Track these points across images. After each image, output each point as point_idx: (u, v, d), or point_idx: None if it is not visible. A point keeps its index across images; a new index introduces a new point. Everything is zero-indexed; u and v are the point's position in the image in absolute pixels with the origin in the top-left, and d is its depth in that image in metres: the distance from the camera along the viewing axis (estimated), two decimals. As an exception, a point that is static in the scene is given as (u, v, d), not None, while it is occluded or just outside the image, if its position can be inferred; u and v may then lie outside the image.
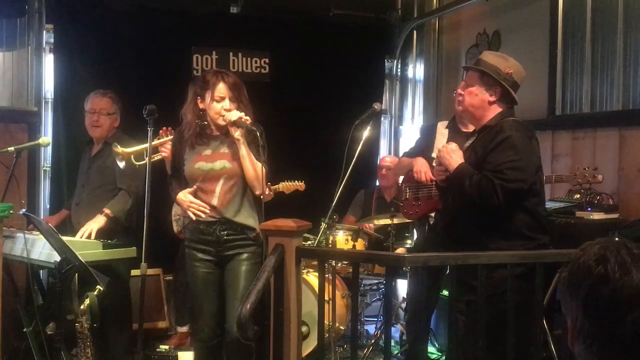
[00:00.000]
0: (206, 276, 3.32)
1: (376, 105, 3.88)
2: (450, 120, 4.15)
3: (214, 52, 5.85)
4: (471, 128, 3.80)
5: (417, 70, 6.54)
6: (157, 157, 3.86)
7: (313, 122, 5.95)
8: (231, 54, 5.91)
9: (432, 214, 4.00)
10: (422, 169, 3.86)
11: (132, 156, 3.84)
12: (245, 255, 3.28)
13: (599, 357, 1.23)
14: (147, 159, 3.38)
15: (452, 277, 2.74)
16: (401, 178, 4.31)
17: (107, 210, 3.98)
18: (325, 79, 6.06)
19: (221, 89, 3.25)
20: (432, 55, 6.29)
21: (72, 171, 4.83)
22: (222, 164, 3.28)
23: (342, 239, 4.70)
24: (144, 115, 3.26)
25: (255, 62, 5.96)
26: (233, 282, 3.27)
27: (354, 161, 3.68)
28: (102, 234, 3.91)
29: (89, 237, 3.87)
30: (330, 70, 6.07)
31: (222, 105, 3.25)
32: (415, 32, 6.49)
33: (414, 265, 3.23)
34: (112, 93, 4.30)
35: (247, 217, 3.29)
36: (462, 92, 3.24)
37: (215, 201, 3.28)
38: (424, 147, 4.10)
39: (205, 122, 3.32)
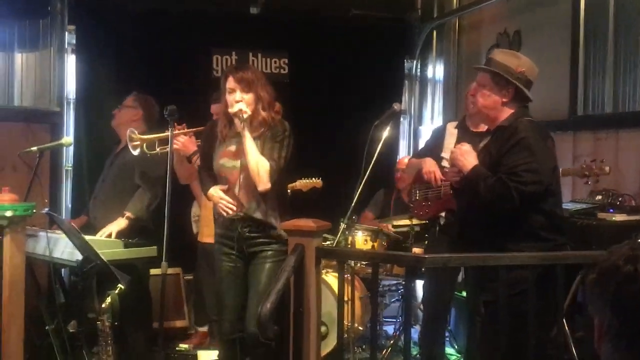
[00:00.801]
0: (230, 270, 3.38)
1: (396, 106, 3.90)
2: (460, 120, 4.14)
3: (233, 53, 5.90)
4: (482, 128, 3.83)
5: (436, 70, 6.53)
6: (167, 149, 3.86)
7: (333, 122, 5.96)
8: (250, 54, 5.95)
9: (443, 214, 3.99)
10: (431, 169, 3.86)
11: (145, 144, 3.87)
12: (269, 253, 3.32)
13: (627, 355, 1.24)
14: (164, 149, 3.42)
15: (470, 278, 2.74)
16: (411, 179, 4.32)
17: (128, 213, 4.02)
18: (345, 79, 6.08)
19: (230, 82, 3.30)
20: (452, 55, 6.27)
21: (93, 171, 4.90)
22: (243, 161, 3.31)
23: (361, 239, 4.71)
24: (165, 116, 3.30)
25: (275, 62, 6.00)
26: (255, 279, 3.31)
27: (373, 161, 3.69)
28: (122, 234, 3.95)
29: (109, 237, 3.91)
30: (350, 70, 6.09)
31: (233, 97, 3.28)
32: (435, 32, 6.48)
33: (433, 266, 3.23)
34: (137, 93, 4.34)
35: (267, 215, 3.31)
36: (474, 94, 3.23)
37: (237, 193, 3.32)
38: (433, 147, 4.09)
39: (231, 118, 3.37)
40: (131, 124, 4.15)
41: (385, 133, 3.79)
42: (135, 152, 3.86)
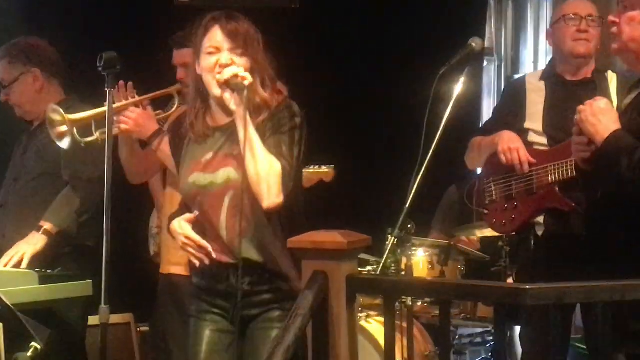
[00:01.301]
0: (214, 339, 3.36)
1: (474, 43, 3.89)
2: (547, 68, 4.23)
3: (209, -39, 5.92)
4: (583, 74, 3.96)
5: (542, -19, 6.50)
6: (114, 130, 3.90)
7: (370, 74, 5.95)
8: (238, -36, 5.97)
9: (540, 219, 4.01)
10: (512, 145, 3.91)
11: (75, 128, 3.88)
12: (276, 314, 3.28)
13: None
14: (105, 133, 3.45)
15: (602, 320, 2.73)
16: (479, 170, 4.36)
17: (46, 225, 4.07)
18: (390, 3, 6.09)
19: (215, 35, 3.26)
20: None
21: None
22: (226, 173, 3.28)
23: (422, 262, 4.72)
24: (99, 68, 3.32)
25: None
26: (255, 353, 3.29)
27: (439, 135, 3.68)
28: (40, 259, 4.00)
29: (18, 264, 3.96)
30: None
31: (216, 60, 3.25)
32: None
33: (540, 303, 3.22)
34: (15, 42, 4.40)
35: (276, 255, 3.31)
36: (618, 20, 3.23)
37: (223, 233, 3.29)
38: (509, 117, 4.15)
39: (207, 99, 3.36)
40: (38, 97, 4.29)
41: (459, 88, 3.76)
42: (64, 144, 3.85)
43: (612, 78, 4.04)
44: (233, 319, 3.33)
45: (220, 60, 3.23)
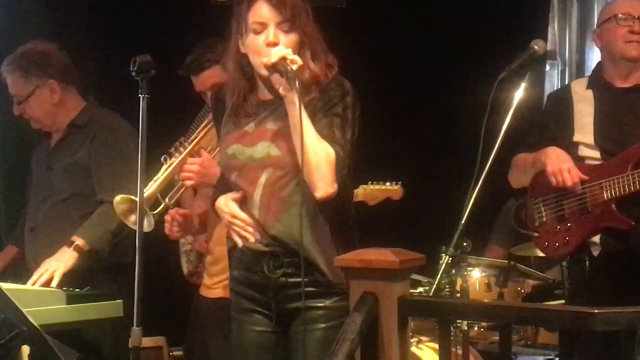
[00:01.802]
0: (258, 340, 3.40)
1: (537, 45, 3.87)
2: (594, 74, 4.21)
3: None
4: (634, 80, 3.92)
5: (610, -20, 6.45)
6: (180, 191, 3.95)
7: (424, 78, 5.95)
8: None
9: (595, 239, 3.98)
10: (563, 165, 3.88)
11: (152, 204, 3.88)
12: (319, 313, 3.30)
13: None
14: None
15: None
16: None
17: (78, 240, 4.11)
18: (446, 1, 6.10)
19: (260, 9, 3.26)
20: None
21: (12, 181, 5.02)
22: (265, 148, 3.31)
23: (480, 283, 4.70)
24: (133, 73, 3.34)
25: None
26: (298, 357, 3.32)
27: (497, 146, 3.66)
28: (71, 278, 4.04)
29: (47, 283, 4.00)
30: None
31: (264, 39, 3.26)
32: None
33: (612, 329, 3.19)
34: (26, 53, 4.40)
35: (314, 246, 3.31)
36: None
37: (256, 212, 3.32)
38: (555, 130, 4.13)
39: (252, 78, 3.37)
40: (60, 109, 4.32)
41: (519, 94, 3.75)
42: (148, 227, 3.75)
43: None
44: (274, 315, 3.37)
45: (268, 37, 3.23)
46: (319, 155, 3.20)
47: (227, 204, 3.34)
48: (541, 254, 4.95)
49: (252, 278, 3.37)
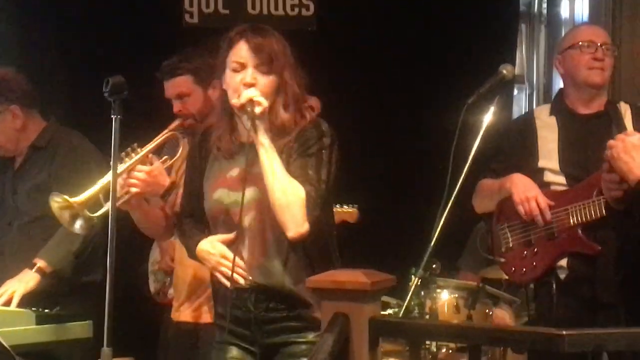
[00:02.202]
0: None
1: (505, 70, 3.90)
2: (556, 101, 4.24)
3: (220, -20, 6.01)
4: (596, 106, 3.95)
5: (577, 5, 6.52)
6: (124, 197, 3.87)
7: (392, 100, 5.97)
8: (251, -17, 6.05)
9: (563, 263, 4.00)
10: (530, 193, 3.90)
11: (86, 207, 3.78)
12: (302, 348, 3.30)
13: None
14: (110, 177, 3.43)
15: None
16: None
17: (39, 262, 4.10)
18: (414, 25, 6.12)
19: (240, 49, 3.31)
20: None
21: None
22: (253, 192, 3.32)
23: (448, 305, 4.71)
24: (105, 94, 3.33)
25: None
26: None
27: (466, 169, 3.69)
28: (35, 298, 4.02)
29: (7, 303, 3.98)
30: (422, 10, 6.14)
31: (240, 78, 3.29)
32: None
33: (580, 350, 3.22)
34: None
35: (299, 281, 3.32)
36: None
37: (244, 253, 3.34)
38: (519, 156, 4.15)
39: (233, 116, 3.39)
40: (23, 127, 4.29)
41: (488, 117, 3.78)
42: (78, 229, 3.75)
43: (625, 109, 4.04)
44: (256, 350, 3.38)
45: (245, 78, 3.27)
46: (289, 195, 3.22)
47: (214, 245, 3.35)
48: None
49: (236, 314, 3.37)
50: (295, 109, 3.35)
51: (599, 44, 3.99)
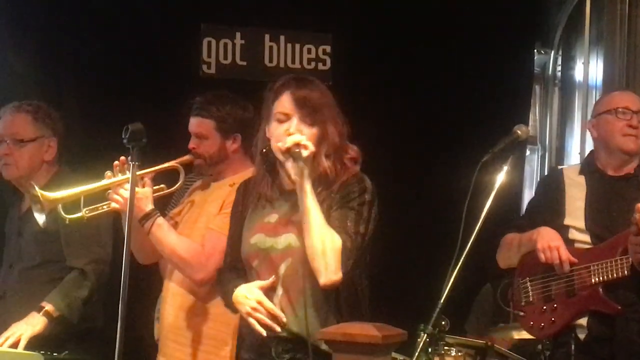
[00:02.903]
0: None
1: (520, 130, 3.92)
2: (586, 161, 4.28)
3: (238, 35, 6.08)
4: (626, 170, 4.01)
5: (591, 69, 6.57)
6: (103, 208, 3.90)
7: (407, 158, 5.99)
8: (268, 37, 6.12)
9: (581, 321, 4.01)
10: (553, 243, 3.93)
11: (61, 205, 3.86)
12: None
13: None
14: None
15: None
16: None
17: (47, 306, 4.09)
18: (430, 84, 6.16)
19: (285, 101, 3.35)
20: (620, 42, 6.28)
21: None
22: (288, 239, 3.33)
23: (457, 363, 4.68)
24: (124, 140, 3.35)
25: (309, 51, 6.16)
26: None
27: (479, 225, 3.69)
28: (42, 343, 4.01)
29: (14, 346, 3.97)
30: (439, 69, 6.18)
31: (285, 129, 3.32)
32: (588, 3, 6.53)
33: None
34: (38, 103, 4.44)
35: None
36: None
37: (276, 300, 3.33)
38: (546, 213, 4.17)
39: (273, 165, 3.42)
40: (38, 167, 4.30)
41: (501, 176, 3.78)
42: (40, 220, 3.83)
43: None
44: None
45: (289, 129, 3.30)
46: (324, 242, 3.22)
47: (251, 291, 3.33)
48: (517, 337, 4.97)
49: None
50: (336, 158, 3.38)
51: (634, 111, 4.03)
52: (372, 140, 5.85)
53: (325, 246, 3.22)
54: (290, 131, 3.29)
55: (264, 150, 3.40)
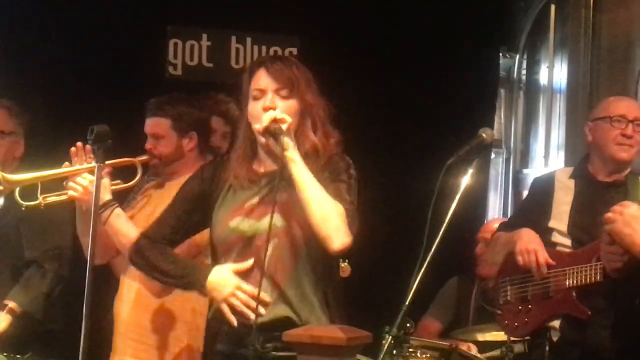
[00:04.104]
0: None
1: (485, 133, 3.93)
2: (579, 166, 4.26)
3: (204, 36, 6.09)
4: (616, 176, 3.99)
5: (556, 72, 6.62)
6: (59, 197, 3.87)
7: (372, 160, 5.98)
8: (234, 39, 6.15)
9: (556, 324, 4.03)
10: (531, 246, 3.94)
11: (18, 189, 3.83)
12: None
13: None
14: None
15: None
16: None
17: (10, 303, 4.08)
18: (396, 86, 6.17)
19: (260, 77, 3.29)
20: (584, 46, 6.31)
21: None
22: (276, 220, 3.22)
23: (421, 365, 4.69)
24: (89, 141, 3.34)
25: (275, 53, 6.15)
26: None
27: (444, 228, 3.70)
28: (4, 344, 4.00)
29: (-22, 347, 3.97)
30: (404, 71, 6.20)
31: (261, 104, 3.26)
32: (553, 8, 6.57)
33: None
34: (9, 101, 4.44)
35: (318, 319, 3.28)
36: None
37: (253, 282, 3.22)
38: (533, 213, 4.19)
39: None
40: (10, 161, 4.29)
41: (466, 180, 3.79)
42: None
43: None
44: None
45: (265, 103, 3.24)
46: (329, 207, 3.16)
47: (228, 274, 3.25)
48: (481, 339, 4.98)
49: (241, 352, 3.24)
50: (322, 132, 3.34)
51: (630, 120, 4.00)
52: (342, 144, 5.89)
53: (329, 211, 3.15)
54: (265, 104, 3.22)
55: (251, 137, 3.30)
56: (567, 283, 3.86)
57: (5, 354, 3.84)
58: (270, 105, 3.22)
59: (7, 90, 4.95)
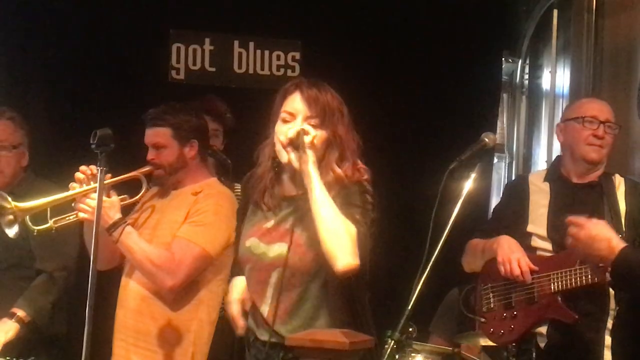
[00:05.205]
0: None
1: (487, 138, 3.93)
2: (552, 168, 4.29)
3: (207, 41, 6.08)
4: (590, 177, 4.03)
5: (558, 77, 6.61)
6: (70, 218, 3.91)
7: (375, 165, 5.96)
8: (237, 43, 6.13)
9: (542, 329, 4.03)
10: (512, 255, 3.95)
11: (29, 216, 3.85)
12: None
13: None
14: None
15: None
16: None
17: (19, 312, 4.10)
18: (398, 91, 6.18)
19: (293, 100, 3.25)
20: (586, 51, 6.31)
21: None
22: (280, 248, 3.24)
23: (423, 369, 4.69)
24: (92, 146, 3.34)
25: (278, 57, 6.18)
26: None
27: (447, 233, 3.70)
28: (11, 349, 4.01)
29: (-13, 353, 3.97)
30: (406, 76, 6.20)
31: (288, 128, 3.21)
32: (555, 12, 6.57)
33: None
34: (13, 112, 4.44)
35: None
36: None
37: (264, 309, 3.27)
38: (510, 219, 4.19)
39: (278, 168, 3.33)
40: (17, 173, 4.32)
41: (469, 184, 3.79)
42: (11, 233, 3.82)
43: (619, 182, 4.09)
44: None
45: (293, 127, 3.19)
46: (339, 225, 3.12)
47: (236, 290, 3.44)
48: (484, 343, 4.98)
49: None
50: (351, 164, 3.30)
51: (602, 121, 4.02)
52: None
53: (339, 229, 3.11)
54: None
55: (275, 158, 3.27)
56: (552, 288, 3.87)
57: (8, 357, 3.83)
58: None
59: (9, 97, 4.94)
